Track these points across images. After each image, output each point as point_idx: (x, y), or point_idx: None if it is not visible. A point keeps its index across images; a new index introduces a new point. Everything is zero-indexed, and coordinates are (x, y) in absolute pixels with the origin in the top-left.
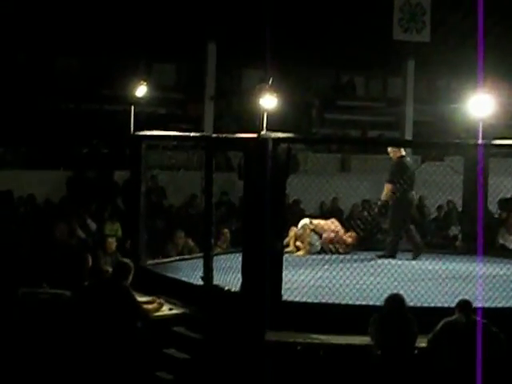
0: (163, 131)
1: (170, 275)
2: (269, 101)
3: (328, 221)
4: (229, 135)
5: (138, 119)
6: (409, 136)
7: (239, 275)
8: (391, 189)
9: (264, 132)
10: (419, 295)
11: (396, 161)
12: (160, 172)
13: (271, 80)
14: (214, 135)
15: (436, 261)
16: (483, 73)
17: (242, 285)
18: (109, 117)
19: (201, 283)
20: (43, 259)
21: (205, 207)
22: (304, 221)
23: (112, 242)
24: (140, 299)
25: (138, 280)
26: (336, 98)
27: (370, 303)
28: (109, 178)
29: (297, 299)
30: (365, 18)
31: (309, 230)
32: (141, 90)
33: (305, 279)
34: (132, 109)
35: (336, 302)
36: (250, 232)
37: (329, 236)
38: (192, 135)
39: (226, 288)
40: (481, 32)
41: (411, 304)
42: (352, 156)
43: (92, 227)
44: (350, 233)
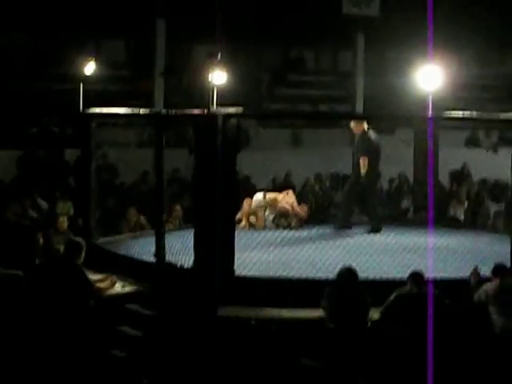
0: (113, 108)
1: (123, 252)
2: (218, 76)
3: (283, 192)
4: (178, 111)
5: (88, 97)
6: (360, 109)
7: (191, 251)
8: (365, 162)
9: (214, 107)
10: (371, 267)
11: (360, 135)
12: (110, 149)
13: (220, 55)
14: (164, 111)
15: (388, 233)
16: (433, 45)
17: (194, 261)
18: (58, 95)
19: (153, 260)
20: None
21: (156, 184)
22: (258, 195)
23: (64, 221)
24: (93, 277)
25: (91, 258)
26: (286, 73)
27: (323, 277)
28: (59, 157)
29: (249, 274)
30: None
31: (263, 205)
32: (89, 68)
33: (257, 254)
34: (81, 86)
35: (288, 276)
36: (201, 208)
37: (283, 208)
38: (141, 112)
39: (179, 264)
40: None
41: (363, 276)
42: (303, 130)
43: (43, 206)
44: (302, 206)
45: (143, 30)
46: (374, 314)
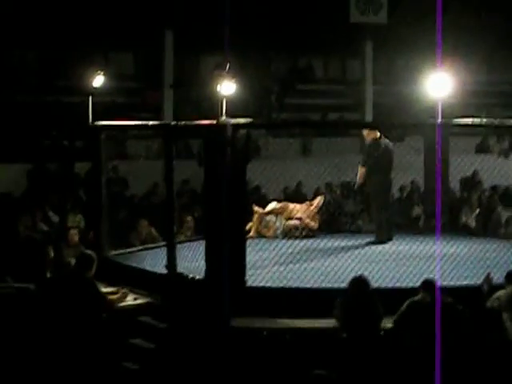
0: (122, 121)
1: (134, 265)
2: (227, 87)
3: (297, 205)
4: (188, 122)
5: (97, 109)
6: (369, 117)
7: (203, 262)
8: (364, 171)
9: (223, 118)
10: (383, 276)
11: (370, 143)
12: (120, 162)
13: (228, 66)
14: (173, 123)
15: (399, 241)
16: (441, 52)
17: (206, 272)
18: (67, 108)
19: (165, 272)
20: (6, 254)
21: (166, 195)
22: (271, 205)
23: (74, 234)
24: (104, 290)
25: (102, 271)
26: (295, 83)
27: (335, 286)
28: (70, 170)
29: (261, 284)
30: (322, 1)
31: (274, 215)
32: (98, 80)
33: (269, 264)
34: (90, 99)
35: (300, 286)
36: (212, 219)
37: (290, 225)
38: (151, 124)
39: (190, 276)
40: (439, 11)
41: (376, 285)
42: (313, 139)
43: (54, 219)
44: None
45: (151, 42)
46: (387, 323)
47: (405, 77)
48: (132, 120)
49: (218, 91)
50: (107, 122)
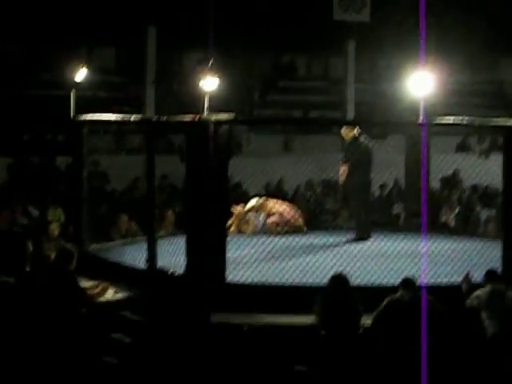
0: (104, 115)
1: (114, 259)
2: (210, 83)
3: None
4: (169, 118)
5: (79, 103)
6: (351, 115)
7: (183, 258)
8: (345, 169)
9: (205, 114)
10: (363, 274)
11: (350, 141)
12: (101, 157)
13: (211, 62)
14: (155, 118)
15: (380, 239)
16: (424, 51)
17: (186, 267)
18: (49, 102)
19: (145, 266)
20: None
21: (147, 190)
22: (252, 201)
23: (55, 228)
24: (84, 284)
25: (82, 265)
26: (277, 79)
27: (315, 282)
28: (51, 164)
29: (241, 280)
30: None
31: (254, 212)
32: (81, 74)
33: (249, 260)
34: (73, 93)
35: (281, 282)
36: (193, 214)
37: (271, 224)
38: (133, 119)
39: (170, 271)
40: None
41: (355, 283)
42: (295, 137)
43: (34, 214)
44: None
45: (134, 37)
46: (366, 321)
47: (387, 75)
48: (114, 114)
49: (201, 87)
50: (89, 117)
